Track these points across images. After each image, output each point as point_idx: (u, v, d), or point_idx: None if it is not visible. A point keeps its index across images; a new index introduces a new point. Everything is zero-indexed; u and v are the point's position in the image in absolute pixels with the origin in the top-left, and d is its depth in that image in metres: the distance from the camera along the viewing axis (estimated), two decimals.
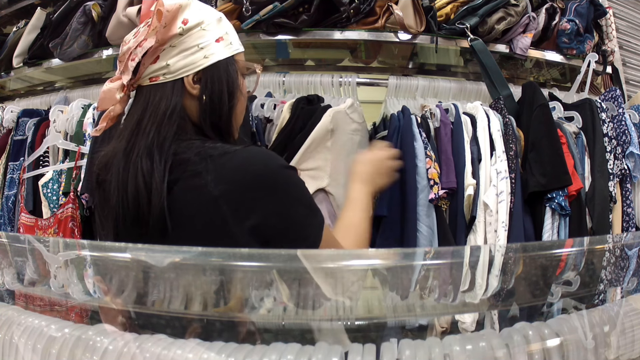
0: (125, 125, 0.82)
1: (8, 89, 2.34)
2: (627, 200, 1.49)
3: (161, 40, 0.79)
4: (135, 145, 0.77)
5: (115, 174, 0.77)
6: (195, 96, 0.82)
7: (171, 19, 0.79)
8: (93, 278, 0.60)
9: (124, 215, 0.76)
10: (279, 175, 0.77)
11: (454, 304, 0.56)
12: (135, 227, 0.75)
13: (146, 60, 0.81)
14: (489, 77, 1.52)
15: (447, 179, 1.26)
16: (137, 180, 0.74)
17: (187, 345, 0.47)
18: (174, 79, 0.81)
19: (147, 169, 0.74)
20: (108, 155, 0.82)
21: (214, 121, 0.83)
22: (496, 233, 1.24)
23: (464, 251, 0.66)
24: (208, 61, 0.81)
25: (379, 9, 1.57)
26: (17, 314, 0.55)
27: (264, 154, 0.81)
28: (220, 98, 0.83)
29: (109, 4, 1.80)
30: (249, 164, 0.75)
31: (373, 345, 0.47)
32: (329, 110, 1.34)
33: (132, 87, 0.83)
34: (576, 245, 0.68)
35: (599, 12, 1.81)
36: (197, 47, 0.81)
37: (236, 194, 0.73)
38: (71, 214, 1.46)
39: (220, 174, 0.73)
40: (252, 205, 0.73)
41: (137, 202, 0.74)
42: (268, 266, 0.51)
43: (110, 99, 0.83)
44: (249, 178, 0.74)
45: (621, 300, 0.59)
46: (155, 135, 0.77)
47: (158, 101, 0.80)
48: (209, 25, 0.82)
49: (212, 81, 0.82)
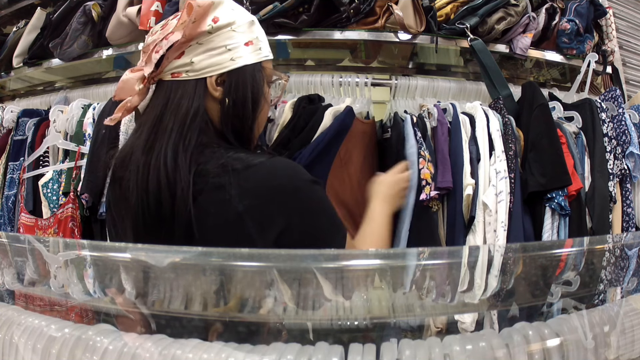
0: (144, 120, 0.79)
1: (8, 89, 2.34)
2: (627, 200, 1.49)
3: (188, 35, 0.77)
4: (156, 143, 0.75)
5: (134, 171, 0.75)
6: (217, 99, 0.79)
7: (202, 15, 0.77)
8: (109, 291, 0.59)
9: (144, 214, 0.74)
10: (303, 190, 0.75)
11: (453, 304, 0.56)
12: (157, 229, 0.73)
13: (170, 55, 0.78)
14: (489, 77, 1.52)
15: (443, 179, 1.26)
16: (159, 181, 0.72)
17: (187, 345, 0.47)
18: (197, 77, 0.78)
19: (171, 171, 0.72)
20: (125, 151, 0.79)
21: (236, 127, 0.80)
22: (495, 233, 1.24)
23: (463, 251, 0.66)
24: (234, 64, 0.79)
25: (379, 9, 1.57)
26: (17, 314, 0.55)
27: (289, 168, 0.78)
28: (244, 104, 0.80)
29: (109, 4, 1.80)
30: (273, 177, 0.73)
31: (373, 345, 0.47)
32: (329, 110, 1.34)
33: (153, 80, 0.81)
34: (576, 245, 0.68)
35: (599, 12, 1.81)
36: (224, 48, 0.78)
37: (260, 209, 0.71)
38: (71, 214, 1.47)
39: (244, 188, 0.71)
40: (277, 221, 0.72)
41: (159, 204, 0.72)
42: (268, 266, 0.51)
43: (128, 89, 0.80)
44: (273, 193, 0.72)
45: (621, 300, 0.59)
46: (178, 136, 0.74)
47: (179, 99, 0.77)
48: (239, 27, 0.80)
49: (237, 85, 0.79)
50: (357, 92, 1.59)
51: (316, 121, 1.34)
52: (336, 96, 1.59)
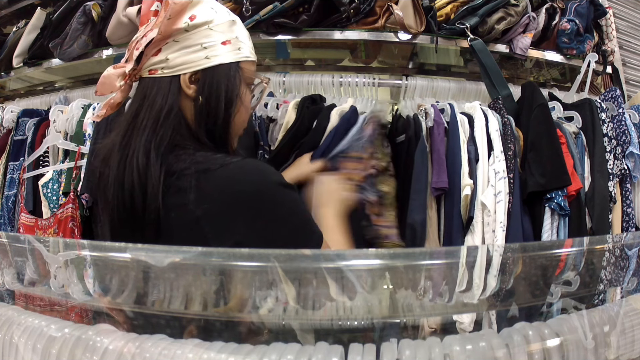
0: (124, 117, 0.80)
1: (8, 89, 2.34)
2: (627, 200, 1.49)
3: (164, 32, 0.77)
4: (131, 141, 0.75)
5: (113, 167, 0.76)
6: (190, 97, 0.79)
7: (177, 12, 0.76)
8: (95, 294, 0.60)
9: (119, 210, 0.75)
10: (267, 196, 0.72)
11: (451, 304, 0.56)
12: (130, 225, 0.74)
13: (148, 51, 0.79)
14: (489, 77, 1.52)
15: (438, 179, 1.26)
16: (132, 177, 0.73)
17: (187, 345, 0.47)
18: (171, 74, 0.78)
19: (142, 167, 0.72)
20: (107, 147, 0.80)
21: (209, 127, 0.79)
22: (494, 233, 1.24)
23: (461, 251, 0.66)
24: (209, 62, 0.78)
25: (379, 9, 1.57)
26: (17, 314, 0.55)
27: (255, 172, 0.74)
28: (217, 103, 0.79)
29: (109, 4, 1.79)
30: (235, 182, 0.71)
31: (373, 345, 0.47)
32: (334, 110, 1.35)
33: (135, 76, 0.81)
34: (576, 245, 0.68)
35: (599, 12, 1.81)
36: (200, 46, 0.78)
37: (218, 214, 0.69)
38: (71, 214, 1.46)
39: (204, 192, 0.70)
40: (235, 228, 0.69)
41: (132, 200, 0.73)
42: (268, 266, 0.51)
43: (109, 85, 0.82)
44: (232, 198, 0.70)
45: (621, 300, 0.59)
46: (151, 134, 0.75)
47: (154, 96, 0.78)
48: (218, 26, 0.79)
49: (210, 84, 0.78)
50: (363, 92, 1.59)
51: (322, 122, 1.34)
52: (337, 96, 1.59)
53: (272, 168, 0.78)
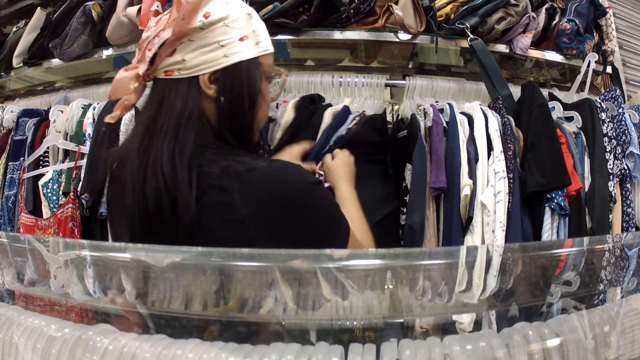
0: (140, 120, 0.78)
1: (8, 89, 2.34)
2: (627, 200, 1.49)
3: (178, 33, 0.74)
4: (151, 146, 0.73)
5: (130, 172, 0.74)
6: (211, 97, 0.76)
7: (191, 11, 0.74)
8: (109, 293, 0.59)
9: (140, 216, 0.72)
10: (306, 194, 0.74)
11: (451, 304, 0.56)
12: (155, 231, 0.72)
13: (163, 52, 0.75)
14: (489, 77, 1.52)
15: (436, 179, 1.26)
16: (157, 184, 0.70)
17: (187, 345, 0.47)
18: (189, 76, 0.76)
19: (168, 175, 0.70)
20: (122, 151, 0.78)
21: (234, 126, 0.78)
22: (494, 233, 1.24)
23: (460, 251, 0.66)
24: (228, 61, 0.76)
25: (379, 9, 1.57)
26: (17, 314, 0.55)
27: (291, 171, 0.76)
28: (241, 102, 0.77)
29: (109, 4, 1.79)
30: (276, 182, 0.72)
31: (373, 345, 0.47)
32: (328, 109, 1.35)
33: (149, 77, 0.78)
34: (576, 245, 0.68)
35: (599, 12, 1.81)
36: (217, 45, 0.75)
37: (264, 213, 0.69)
38: (71, 214, 1.46)
39: (248, 192, 0.69)
40: (280, 225, 0.70)
41: (158, 208, 0.70)
42: (268, 266, 0.51)
43: (123, 89, 0.79)
44: (277, 197, 0.71)
45: (621, 300, 0.59)
46: (174, 139, 0.72)
47: (173, 99, 0.75)
48: (234, 21, 0.77)
49: (232, 83, 0.76)
50: (363, 92, 1.60)
51: (316, 121, 1.34)
52: (336, 96, 1.59)
53: (303, 167, 0.79)
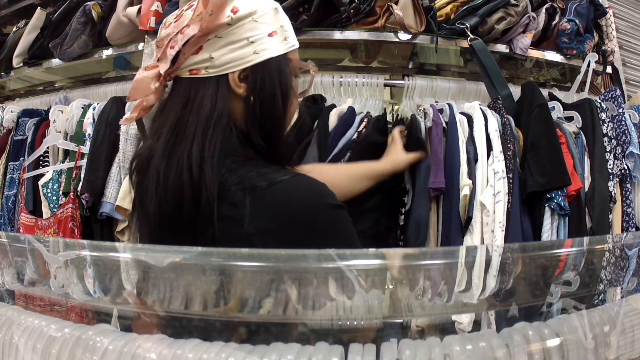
0: (162, 122, 0.74)
1: (8, 89, 2.34)
2: (627, 200, 1.49)
3: (205, 29, 0.70)
4: (176, 147, 0.69)
5: (154, 176, 0.70)
6: (240, 96, 0.73)
7: (219, 6, 0.70)
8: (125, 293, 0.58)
9: (162, 221, 0.70)
10: (321, 217, 0.68)
11: (451, 304, 0.56)
12: (175, 237, 0.69)
13: (187, 50, 0.72)
14: (489, 77, 1.52)
15: (435, 179, 1.26)
16: (182, 188, 0.67)
17: (187, 345, 0.47)
18: (218, 74, 0.72)
19: (196, 177, 0.67)
20: (144, 154, 0.74)
21: (265, 127, 0.74)
22: (493, 233, 1.24)
23: (460, 251, 0.66)
24: (258, 57, 0.72)
25: (379, 9, 1.57)
26: (17, 314, 0.55)
27: (310, 191, 0.70)
28: (273, 101, 0.73)
29: (109, 4, 1.80)
30: (290, 201, 0.67)
31: (373, 345, 0.47)
32: (333, 111, 1.35)
33: (170, 76, 0.75)
34: (576, 245, 0.68)
35: (599, 12, 1.81)
36: (246, 41, 0.71)
37: (271, 233, 0.65)
38: (71, 214, 1.47)
39: (258, 209, 0.65)
40: (289, 246, 0.64)
41: (179, 212, 0.67)
42: (268, 266, 0.51)
43: (143, 89, 0.74)
44: (287, 218, 0.66)
45: (621, 300, 0.59)
46: (202, 140, 0.69)
47: (200, 99, 0.71)
48: (262, 16, 0.73)
49: (263, 81, 0.72)
50: (363, 92, 1.60)
51: (324, 123, 1.34)
52: (336, 96, 1.60)
53: (326, 187, 0.72)
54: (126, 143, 1.46)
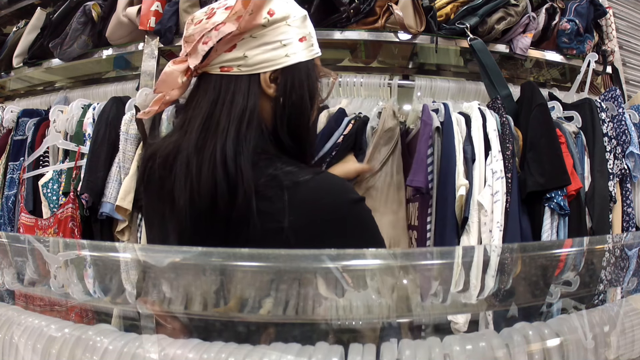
0: (190, 116, 0.74)
1: (8, 89, 2.34)
2: (627, 200, 1.49)
3: (243, 28, 0.71)
4: (208, 143, 0.70)
5: (182, 171, 0.70)
6: (269, 97, 0.75)
7: (259, 6, 0.72)
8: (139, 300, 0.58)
9: (193, 215, 0.70)
10: (349, 211, 0.72)
11: (448, 304, 0.56)
12: (207, 230, 0.70)
13: (220, 47, 0.73)
14: (489, 77, 1.52)
15: (413, 177, 1.27)
16: (216, 182, 0.68)
17: (187, 345, 0.47)
18: (250, 73, 0.73)
19: (232, 171, 0.68)
20: (168, 149, 0.74)
21: (292, 128, 0.76)
22: (491, 233, 1.24)
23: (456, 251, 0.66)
24: (289, 60, 0.75)
25: (379, 9, 1.57)
26: (17, 314, 0.55)
27: (336, 186, 0.74)
28: (301, 103, 0.76)
29: (109, 4, 1.80)
30: (320, 197, 0.70)
31: (373, 345, 0.47)
32: (323, 112, 1.36)
33: (197, 72, 0.76)
34: (576, 245, 0.68)
35: (599, 12, 1.81)
36: (279, 43, 0.74)
37: (305, 228, 0.68)
38: (71, 214, 1.47)
39: (291, 204, 0.67)
40: (320, 241, 0.69)
41: (213, 206, 0.68)
42: (268, 266, 0.51)
43: (171, 82, 0.76)
44: (319, 213, 0.69)
45: (621, 300, 0.59)
46: (236, 135, 0.70)
47: (232, 95, 0.72)
48: (294, 21, 0.76)
49: (292, 83, 0.75)
50: (362, 92, 1.60)
51: None
52: (336, 96, 1.60)
53: (348, 183, 0.79)
54: (126, 143, 1.46)
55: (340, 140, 1.34)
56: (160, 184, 0.75)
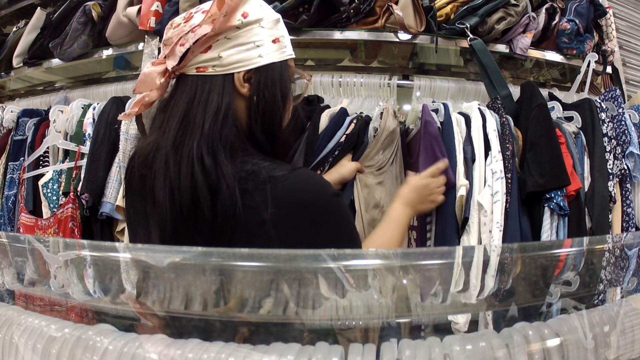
0: (168, 116, 0.77)
1: (8, 89, 2.35)
2: (627, 200, 1.49)
3: (218, 29, 0.74)
4: (186, 141, 0.73)
5: (161, 168, 0.73)
6: (244, 96, 0.77)
7: (233, 9, 0.75)
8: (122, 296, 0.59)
9: (173, 212, 0.72)
10: (327, 205, 0.75)
11: (448, 304, 0.56)
12: (189, 226, 0.72)
13: (196, 48, 0.76)
14: (489, 77, 1.52)
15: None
16: (194, 178, 0.70)
17: (187, 345, 0.47)
18: (224, 73, 0.76)
19: (210, 167, 0.70)
20: (148, 148, 0.77)
21: (266, 125, 0.79)
22: (491, 234, 1.23)
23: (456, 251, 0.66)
24: (262, 61, 0.77)
25: (379, 9, 1.57)
26: (17, 314, 0.55)
27: (314, 181, 0.79)
28: (274, 101, 0.79)
29: (109, 4, 1.80)
30: (299, 191, 0.73)
31: (373, 345, 0.47)
32: (325, 112, 1.35)
33: (175, 74, 0.79)
34: (576, 245, 0.68)
35: (599, 12, 1.81)
36: (253, 44, 0.77)
37: (285, 220, 0.71)
38: (71, 214, 1.47)
39: (271, 197, 0.70)
40: (300, 234, 0.72)
41: (195, 202, 0.70)
42: (268, 266, 0.51)
43: (150, 83, 0.79)
44: (298, 206, 0.72)
45: (621, 300, 0.59)
46: (211, 133, 0.73)
47: (207, 94, 0.75)
48: (267, 23, 0.79)
49: (265, 83, 0.78)
50: (362, 92, 1.60)
51: (314, 124, 1.34)
52: (336, 96, 1.60)
53: (325, 179, 0.82)
54: (126, 143, 1.46)
55: (343, 140, 1.34)
56: (141, 183, 0.77)
